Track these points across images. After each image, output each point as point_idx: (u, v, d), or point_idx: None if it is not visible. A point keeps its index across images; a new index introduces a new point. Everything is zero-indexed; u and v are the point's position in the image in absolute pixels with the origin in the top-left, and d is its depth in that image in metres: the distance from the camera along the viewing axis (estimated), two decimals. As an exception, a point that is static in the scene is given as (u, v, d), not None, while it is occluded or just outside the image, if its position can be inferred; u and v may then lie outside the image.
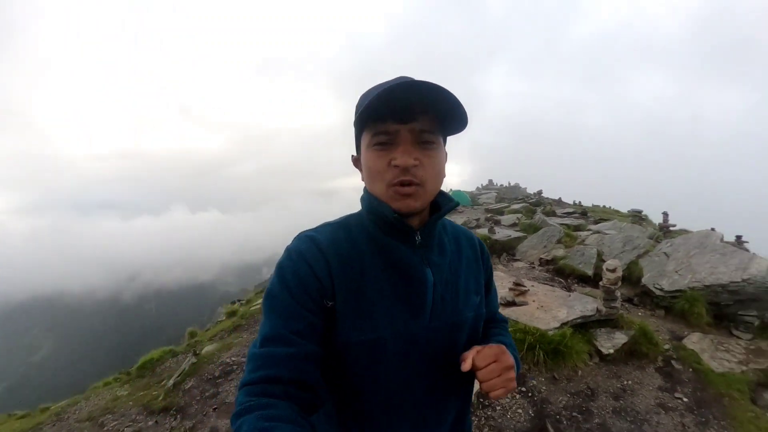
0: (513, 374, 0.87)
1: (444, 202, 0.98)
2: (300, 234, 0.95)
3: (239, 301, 9.86)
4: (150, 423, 4.11)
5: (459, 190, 21.80)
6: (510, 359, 0.87)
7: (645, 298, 5.73)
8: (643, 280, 5.90)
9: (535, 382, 3.77)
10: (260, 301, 7.54)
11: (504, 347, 0.89)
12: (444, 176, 0.92)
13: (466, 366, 0.85)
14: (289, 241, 0.95)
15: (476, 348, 0.88)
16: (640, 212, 10.87)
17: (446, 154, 0.94)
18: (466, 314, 0.99)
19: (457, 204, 1.03)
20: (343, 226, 0.96)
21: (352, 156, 1.00)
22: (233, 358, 5.22)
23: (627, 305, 5.58)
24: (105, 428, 4.17)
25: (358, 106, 0.87)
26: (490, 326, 1.14)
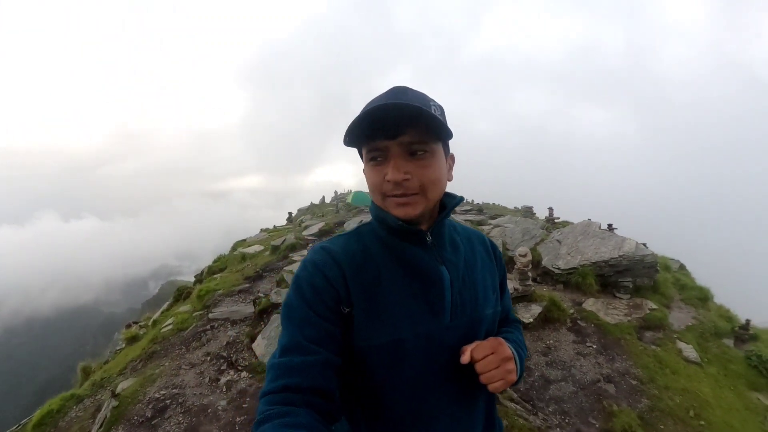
0: (512, 366, 0.87)
1: (449, 201, 0.98)
2: (314, 246, 0.96)
3: (135, 323, 8.28)
4: None
5: (360, 191, 21.30)
6: (508, 351, 0.87)
7: (546, 276, 6.80)
8: (543, 263, 6.98)
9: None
10: (169, 320, 6.55)
11: (502, 339, 0.90)
12: (446, 179, 0.93)
13: (464, 358, 0.86)
14: (178, 247, 0.84)
15: (476, 342, 0.90)
16: (531, 208, 12.48)
17: (452, 156, 0.97)
18: (486, 311, 0.99)
19: (462, 199, 1.03)
20: (356, 235, 0.98)
21: (364, 170, 0.96)
22: (162, 392, 4.26)
23: (533, 284, 6.55)
24: None
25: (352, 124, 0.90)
26: (503, 325, 1.12)
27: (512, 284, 5.63)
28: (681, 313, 5.53)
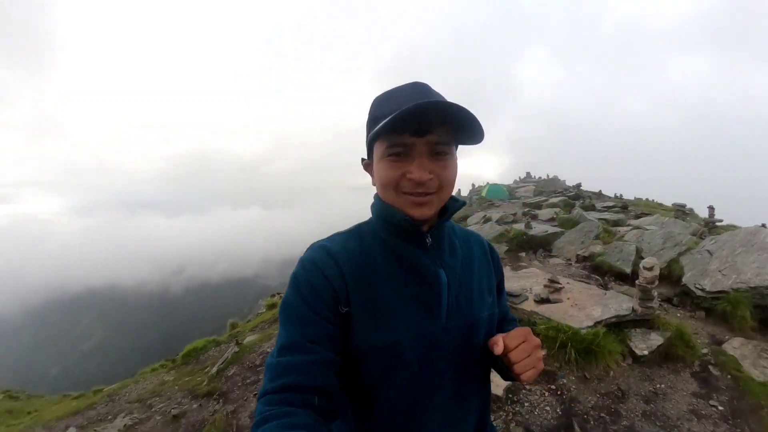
0: (541, 354, 0.87)
1: (451, 204, 0.97)
2: (313, 244, 0.96)
3: (279, 294, 10.30)
4: (194, 406, 4.41)
5: (496, 184, 21.27)
6: (537, 339, 0.87)
7: (685, 298, 5.56)
8: (684, 280, 5.72)
9: (564, 381, 3.79)
10: None
11: (529, 329, 0.88)
12: (455, 185, 0.93)
13: (498, 349, 0.84)
14: (327, 233, 1.01)
15: (501, 334, 0.89)
16: (683, 206, 10.36)
17: (456, 160, 0.95)
18: (482, 313, 1.00)
19: (464, 203, 1.03)
20: (354, 234, 0.98)
21: (362, 160, 1.00)
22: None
23: (666, 305, 5.44)
24: (153, 409, 4.51)
25: (372, 113, 0.90)
26: (502, 325, 1.13)
27: (631, 303, 4.77)
28: None
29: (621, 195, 17.97)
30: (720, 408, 3.41)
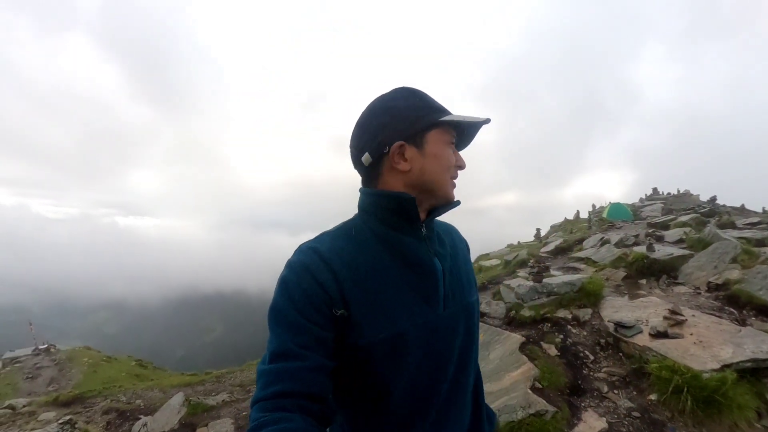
0: None
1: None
2: (300, 246, 0.96)
3: None
4: None
5: (618, 203, 19.39)
6: None
7: None
8: None
9: (678, 435, 3.27)
10: None
11: None
12: None
13: None
14: None
15: None
16: None
17: None
18: (471, 299, 1.08)
19: (458, 203, 1.04)
20: (342, 232, 0.99)
21: (401, 144, 0.95)
22: None
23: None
24: (250, 393, 4.96)
25: (426, 102, 0.97)
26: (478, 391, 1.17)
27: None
28: None
29: (769, 209, 15.17)
30: None
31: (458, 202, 1.03)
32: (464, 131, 1.03)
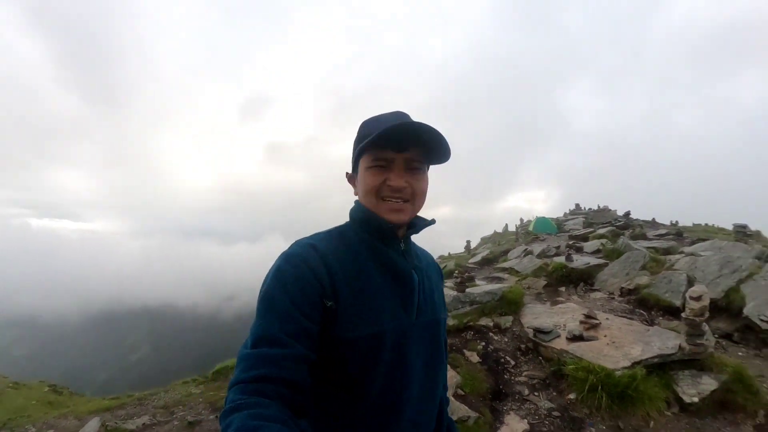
0: None
1: (419, 220, 1.10)
2: (297, 241, 1.02)
3: None
4: (211, 417, 4.47)
5: (543, 217, 20.50)
6: None
7: (748, 333, 4.83)
8: (746, 311, 4.99)
9: (593, 430, 3.25)
10: None
11: None
12: (425, 196, 1.06)
13: None
14: None
15: None
16: (744, 227, 9.26)
17: (428, 178, 1.08)
18: (441, 315, 1.16)
19: (433, 222, 1.13)
20: (337, 233, 1.06)
21: (347, 174, 1.14)
22: None
23: (724, 342, 4.74)
24: (174, 416, 4.67)
25: (361, 133, 1.05)
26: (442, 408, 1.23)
27: (678, 340, 4.14)
28: None
29: (677, 222, 16.66)
30: (792, 469, 2.75)
31: (433, 221, 1.14)
32: (395, 147, 0.98)
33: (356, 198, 1.11)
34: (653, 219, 17.67)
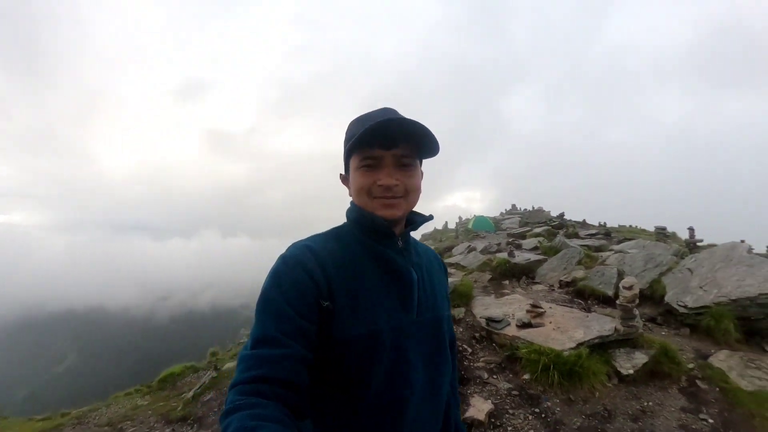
0: None
1: (417, 216, 1.12)
2: (294, 243, 1.02)
3: None
4: (167, 430, 4.23)
5: (482, 216, 21.38)
6: None
7: (669, 316, 5.47)
8: (666, 298, 5.65)
9: (549, 404, 3.60)
10: None
11: None
12: (420, 192, 1.06)
13: None
14: None
15: None
16: (664, 229, 10.46)
17: (422, 173, 1.09)
18: (443, 312, 1.13)
19: (430, 218, 1.15)
20: (334, 234, 1.06)
21: (341, 174, 1.13)
22: None
23: (650, 325, 5.34)
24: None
25: (348, 134, 1.04)
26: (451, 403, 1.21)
27: (613, 324, 4.65)
28: None
29: (605, 223, 18.14)
30: (710, 421, 3.24)
31: (431, 217, 1.16)
32: (382, 144, 0.98)
33: (351, 198, 1.10)
34: (584, 220, 19.04)
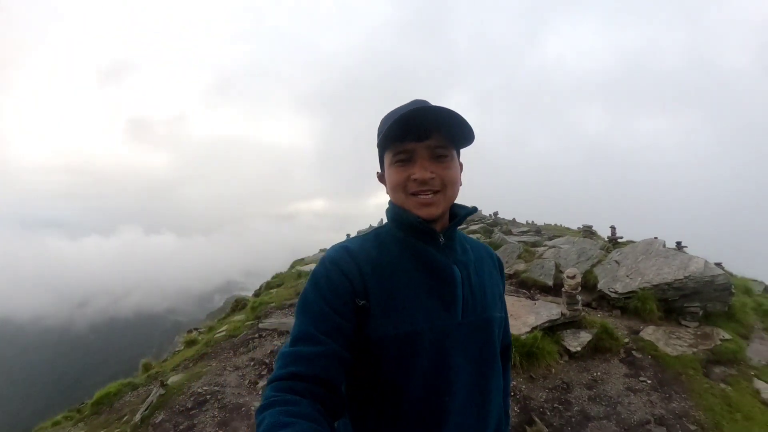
0: None
1: (460, 209, 1.06)
2: (333, 245, 1.02)
3: (197, 329, 9.41)
4: None
5: None
6: None
7: (602, 301, 6.22)
8: (599, 286, 6.40)
9: (514, 383, 4.02)
10: (224, 328, 7.32)
11: None
12: (460, 183, 1.01)
13: None
14: (245, 265, 1.04)
15: None
16: (590, 227, 11.67)
17: (461, 164, 1.04)
18: (494, 313, 1.04)
19: (474, 210, 1.11)
20: (373, 235, 1.04)
21: (377, 173, 1.10)
22: (205, 388, 4.71)
23: (587, 309, 6.02)
24: None
25: (380, 130, 1.00)
26: (504, 358, 1.17)
27: (559, 309, 5.22)
28: (763, 346, 4.74)
29: (533, 221, 19.56)
30: (649, 382, 3.87)
31: (474, 209, 1.11)
32: (411, 137, 0.94)
33: (389, 197, 1.06)
34: (514, 219, 20.26)
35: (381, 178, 1.08)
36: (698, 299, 5.39)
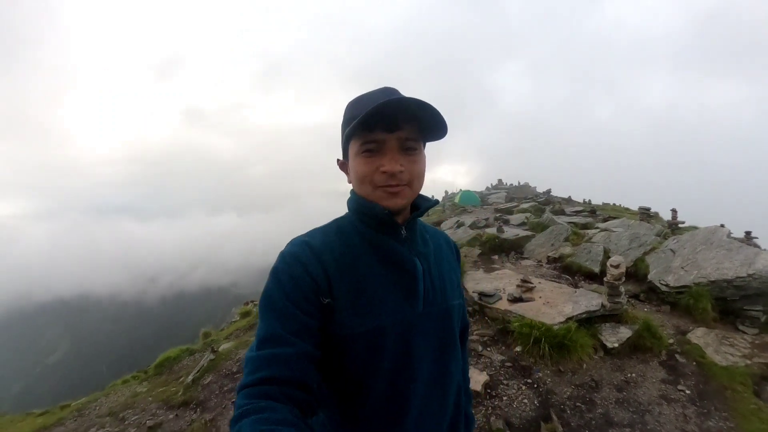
0: None
1: (422, 201, 1.05)
2: (293, 239, 0.98)
3: (252, 301, 10.10)
4: (170, 416, 4.26)
5: (468, 190, 21.56)
6: None
7: (651, 294, 5.79)
8: (650, 277, 5.95)
9: (540, 375, 3.86)
10: None
11: None
12: (424, 178, 0.99)
13: None
14: None
15: None
16: (648, 209, 10.81)
17: (425, 156, 1.01)
18: (453, 301, 1.07)
19: (436, 202, 1.11)
20: (333, 228, 1.02)
21: (338, 160, 1.06)
22: None
23: (633, 301, 5.64)
24: (126, 422, 4.31)
25: (346, 116, 0.97)
26: (462, 342, 1.19)
27: (601, 299, 4.92)
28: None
29: (589, 200, 18.53)
30: (687, 392, 3.55)
31: (436, 201, 1.11)
32: (381, 126, 0.90)
33: (351, 186, 1.04)
34: (569, 197, 19.35)
35: (343, 166, 1.05)
36: (762, 302, 4.86)
